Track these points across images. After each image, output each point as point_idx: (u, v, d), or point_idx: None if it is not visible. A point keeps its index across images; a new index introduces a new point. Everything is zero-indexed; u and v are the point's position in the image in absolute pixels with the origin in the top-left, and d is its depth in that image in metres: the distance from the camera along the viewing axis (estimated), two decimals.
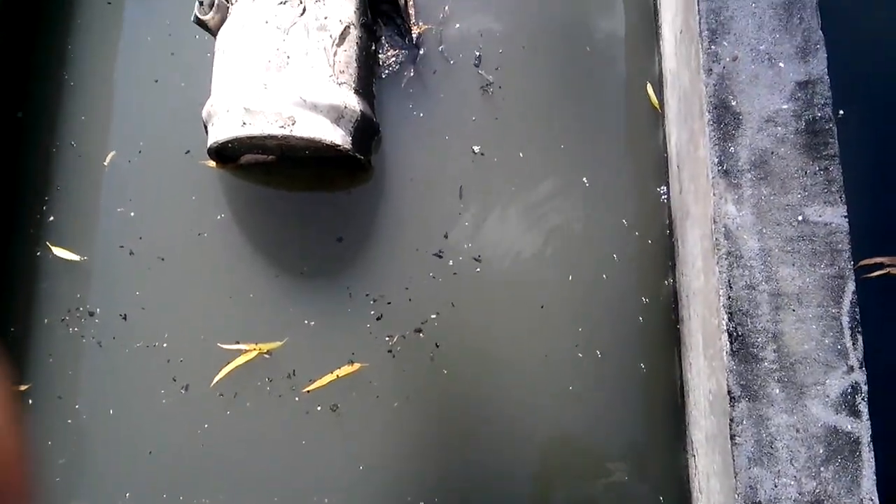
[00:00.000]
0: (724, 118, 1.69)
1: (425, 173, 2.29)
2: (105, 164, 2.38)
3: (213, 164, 2.30)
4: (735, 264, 1.62)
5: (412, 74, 2.37)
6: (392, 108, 2.35)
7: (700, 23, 1.76)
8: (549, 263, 2.18)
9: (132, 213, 2.33)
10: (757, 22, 1.74)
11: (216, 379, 2.16)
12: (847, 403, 1.54)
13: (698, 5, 1.77)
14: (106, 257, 2.31)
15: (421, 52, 2.38)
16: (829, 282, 1.59)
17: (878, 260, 2.09)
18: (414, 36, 2.39)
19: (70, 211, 2.36)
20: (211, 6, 2.23)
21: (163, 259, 2.29)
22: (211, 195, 2.31)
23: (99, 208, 2.35)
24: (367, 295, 2.20)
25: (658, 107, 2.26)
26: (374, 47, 2.36)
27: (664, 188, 2.21)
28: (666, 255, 2.16)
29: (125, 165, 2.38)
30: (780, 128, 1.67)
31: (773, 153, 1.66)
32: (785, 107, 1.68)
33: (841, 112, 2.24)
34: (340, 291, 2.20)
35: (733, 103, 1.70)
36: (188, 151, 2.35)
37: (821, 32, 1.72)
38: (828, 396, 1.54)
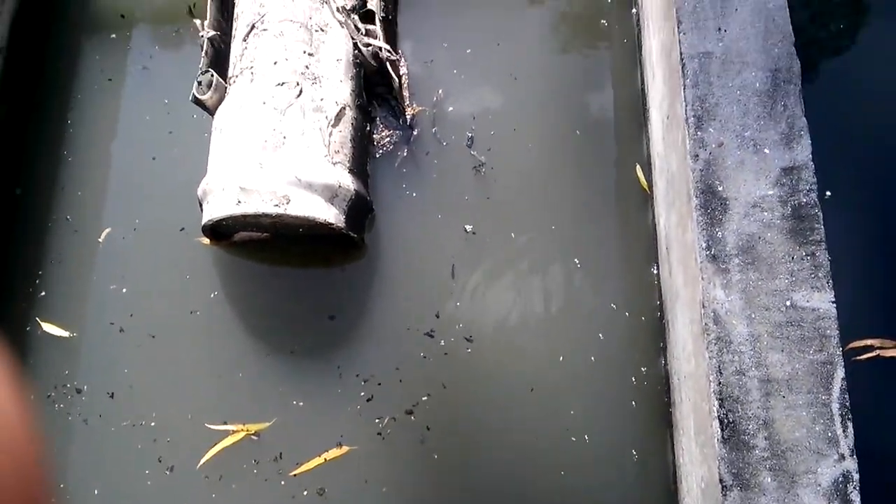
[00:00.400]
0: (711, 203, 1.72)
1: (418, 252, 2.30)
2: (100, 240, 2.40)
3: (207, 241, 2.32)
4: (725, 350, 1.62)
5: (406, 154, 2.41)
6: (386, 186, 2.38)
7: (686, 109, 1.79)
8: (540, 345, 2.17)
9: (124, 290, 2.34)
10: (742, 109, 1.77)
11: (202, 460, 2.13)
12: (839, 492, 1.52)
13: (684, 92, 1.81)
14: (96, 334, 2.30)
15: (415, 132, 2.42)
16: (818, 368, 1.58)
17: (868, 342, 2.09)
18: (408, 117, 2.44)
19: (62, 286, 2.37)
20: (209, 86, 2.28)
21: (153, 336, 2.28)
22: (204, 273, 2.32)
23: (91, 284, 2.35)
24: (357, 375, 2.18)
25: (647, 188, 2.29)
26: (368, 128, 2.40)
27: (654, 269, 2.22)
28: (657, 336, 2.16)
29: (119, 242, 2.39)
30: (766, 213, 1.69)
31: (760, 238, 1.68)
32: (771, 192, 1.70)
33: (828, 193, 2.27)
34: (331, 371, 2.19)
35: (720, 188, 1.72)
36: (183, 229, 2.37)
37: (804, 119, 1.76)
38: (819, 485, 1.52)
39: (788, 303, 1.63)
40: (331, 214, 2.12)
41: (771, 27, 1.82)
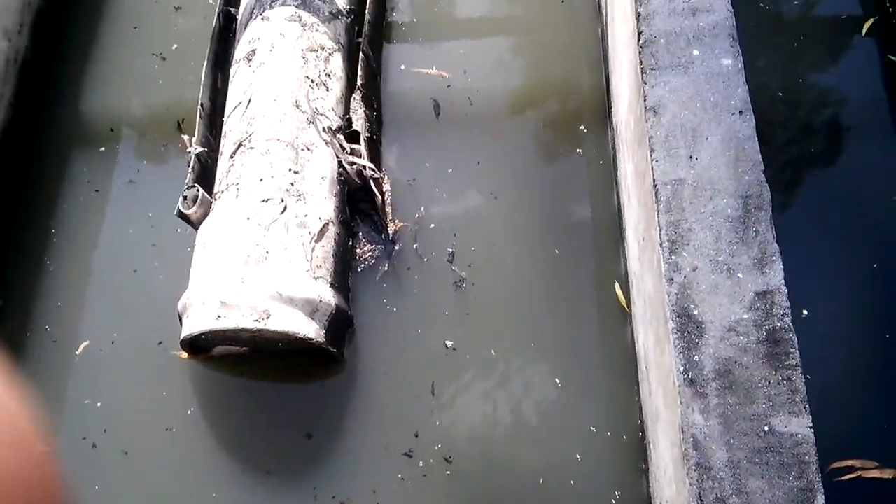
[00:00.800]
0: (688, 327, 1.74)
1: (398, 367, 2.30)
2: (77, 353, 2.37)
3: (185, 355, 2.30)
4: (705, 476, 1.61)
5: (387, 269, 2.43)
6: (367, 301, 2.39)
7: (660, 234, 1.84)
8: (520, 467, 2.14)
9: (99, 404, 2.30)
10: (714, 234, 1.82)
11: None
12: None
13: (658, 217, 1.86)
14: (67, 450, 2.25)
15: (396, 247, 2.46)
16: (798, 495, 1.57)
17: (849, 463, 2.08)
18: (390, 232, 2.48)
19: (35, 400, 2.32)
20: (195, 201, 2.31)
21: (126, 453, 2.23)
22: (181, 388, 2.30)
23: (66, 398, 2.32)
24: (333, 497, 2.13)
25: (626, 306, 2.31)
26: (351, 242, 2.44)
27: (635, 387, 2.22)
28: (639, 456, 2.14)
29: (97, 355, 2.37)
30: (742, 337, 1.71)
31: (736, 362, 1.69)
32: (746, 316, 1.73)
33: (805, 312, 2.31)
34: (306, 493, 2.14)
35: (695, 312, 1.75)
36: (161, 342, 2.36)
37: (776, 245, 1.80)
38: None
39: (767, 428, 1.63)
40: (311, 329, 2.13)
41: (741, 156, 1.89)
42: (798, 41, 2.75)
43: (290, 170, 2.30)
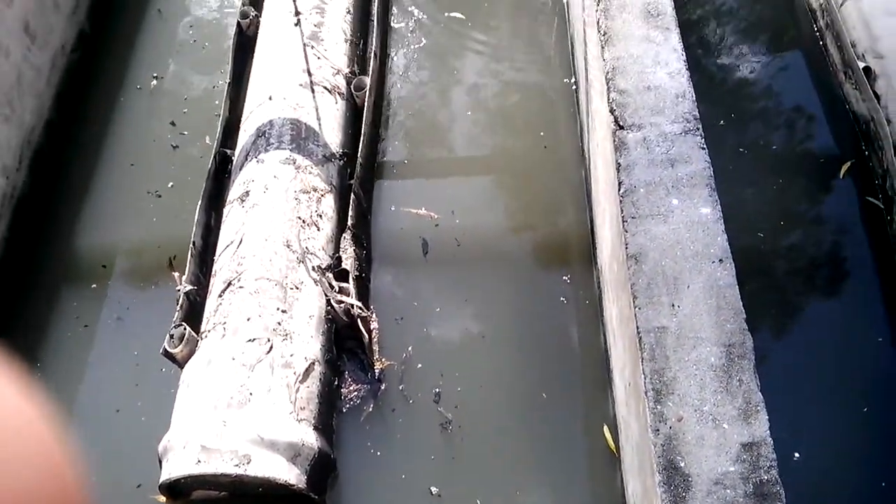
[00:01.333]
0: (674, 479, 1.70)
1: None
2: None
3: (163, 499, 2.24)
4: None
5: (372, 410, 2.40)
6: (350, 443, 2.35)
7: (645, 382, 1.83)
8: None
9: None
10: (699, 383, 1.81)
11: None
12: None
13: (642, 365, 1.85)
14: None
15: (382, 387, 2.44)
16: None
17: None
18: (377, 371, 2.46)
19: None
20: (181, 339, 2.31)
21: None
22: None
23: None
24: None
25: (615, 450, 2.27)
26: (336, 382, 2.42)
27: None
28: None
29: None
30: (729, 490, 1.68)
31: None
32: (732, 469, 1.70)
33: (797, 455, 2.28)
34: None
35: (682, 464, 1.72)
36: (139, 485, 2.30)
37: (760, 394, 1.79)
38: None
39: None
40: (292, 475, 2.08)
41: (722, 304, 1.91)
42: (778, 184, 2.83)
43: (277, 309, 2.31)
